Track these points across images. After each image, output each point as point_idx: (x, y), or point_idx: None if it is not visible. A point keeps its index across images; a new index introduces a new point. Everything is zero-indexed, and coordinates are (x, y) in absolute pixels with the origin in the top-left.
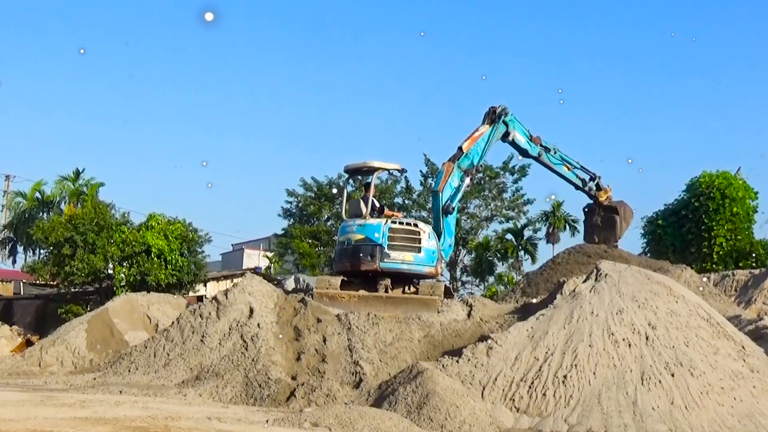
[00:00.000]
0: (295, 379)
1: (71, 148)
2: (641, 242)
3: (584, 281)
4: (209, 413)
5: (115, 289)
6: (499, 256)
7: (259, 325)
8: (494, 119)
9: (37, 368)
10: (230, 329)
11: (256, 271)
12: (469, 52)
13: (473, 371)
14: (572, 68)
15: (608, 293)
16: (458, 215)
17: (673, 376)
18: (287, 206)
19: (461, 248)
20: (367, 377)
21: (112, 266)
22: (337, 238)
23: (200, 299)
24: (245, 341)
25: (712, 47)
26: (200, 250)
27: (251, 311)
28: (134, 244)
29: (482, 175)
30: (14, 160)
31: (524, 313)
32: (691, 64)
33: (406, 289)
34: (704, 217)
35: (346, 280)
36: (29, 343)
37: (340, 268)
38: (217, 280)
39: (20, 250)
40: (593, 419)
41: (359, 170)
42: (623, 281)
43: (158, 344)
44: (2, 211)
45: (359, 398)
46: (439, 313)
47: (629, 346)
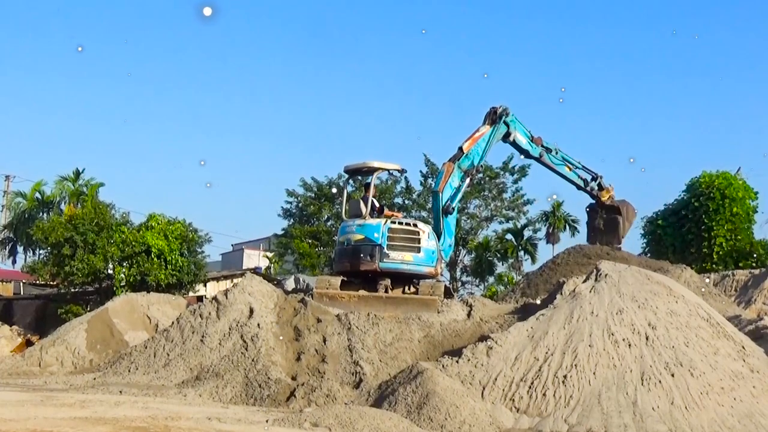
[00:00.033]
0: (295, 379)
1: (71, 148)
2: (641, 242)
3: (584, 281)
4: (209, 413)
5: (115, 289)
6: (499, 256)
7: (259, 325)
8: (495, 120)
9: (37, 368)
10: (230, 329)
11: (256, 271)
12: (469, 51)
13: (473, 371)
14: (572, 68)
15: (608, 293)
16: (458, 215)
17: (673, 376)
18: (287, 206)
19: (461, 248)
20: (367, 377)
21: (112, 266)
22: (336, 238)
23: (200, 299)
24: (245, 341)
25: (712, 47)
26: (200, 250)
27: (251, 311)
28: (134, 244)
29: (482, 175)
30: (14, 160)
31: (524, 313)
32: (691, 64)
33: (406, 289)
34: (704, 217)
35: (346, 280)
36: (29, 343)
37: (339, 268)
38: (217, 280)
39: (20, 250)
40: (593, 419)
41: (359, 170)
42: (623, 281)
43: (158, 344)
44: (2, 211)
45: (359, 398)
46: (439, 313)
47: (629, 346)
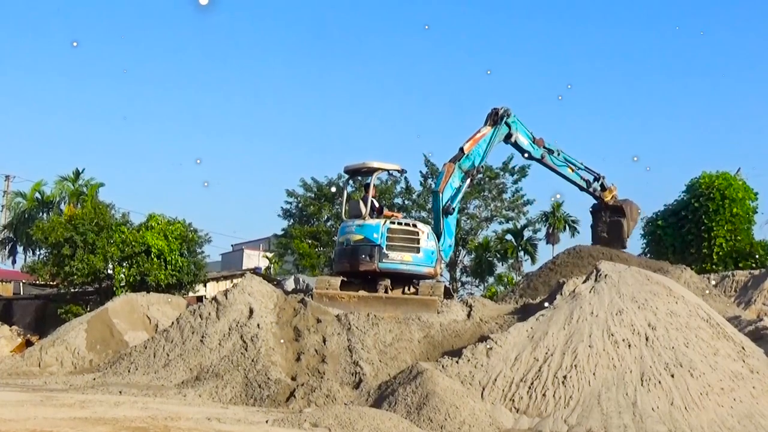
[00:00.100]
0: (294, 379)
1: (71, 148)
2: (641, 243)
3: (584, 282)
4: (209, 414)
5: (114, 289)
6: (498, 256)
7: (258, 325)
8: (497, 121)
9: (36, 368)
10: (230, 330)
11: (255, 271)
12: (469, 51)
13: (473, 372)
14: (573, 68)
15: (608, 294)
16: (458, 216)
17: (672, 376)
18: (287, 207)
19: (461, 249)
20: (366, 378)
21: (111, 266)
22: (336, 238)
23: (200, 299)
24: (245, 342)
25: (712, 47)
26: (200, 250)
27: (251, 312)
28: (134, 244)
29: (482, 175)
30: (14, 160)
31: (524, 313)
32: (691, 63)
33: (405, 289)
34: (704, 217)
35: (345, 280)
36: (29, 343)
37: (339, 268)
38: (216, 280)
39: (20, 250)
40: (593, 420)
41: (359, 171)
42: (623, 282)
43: (158, 345)
44: (2, 211)
45: (359, 399)
46: (438, 313)
47: (629, 346)
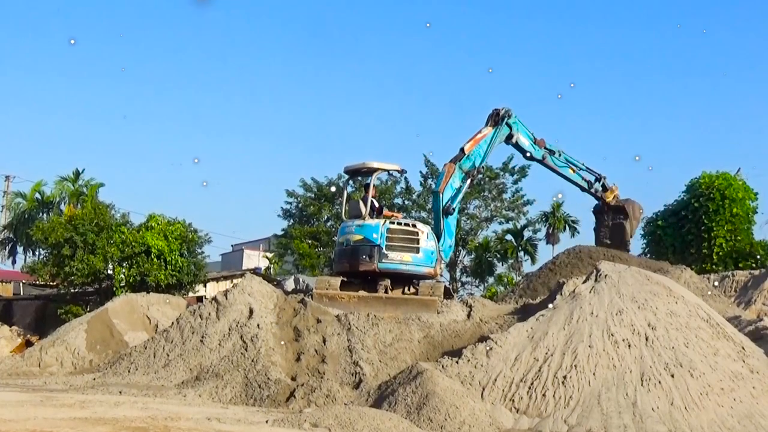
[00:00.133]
0: (294, 379)
1: (71, 148)
2: (641, 243)
3: (584, 282)
4: (209, 414)
5: (114, 289)
6: (498, 256)
7: (258, 325)
8: (498, 121)
9: (36, 369)
10: (230, 330)
11: (255, 271)
12: (469, 51)
13: (473, 372)
14: (573, 68)
15: (608, 294)
16: (458, 216)
17: (672, 376)
18: (287, 207)
19: (461, 249)
20: (366, 378)
21: (111, 267)
22: (336, 238)
23: (200, 300)
24: (245, 342)
25: (712, 47)
26: (200, 250)
27: (251, 312)
28: (134, 244)
29: (482, 175)
30: (14, 160)
31: (524, 313)
32: (691, 63)
33: (405, 289)
34: (704, 217)
35: (345, 280)
36: (29, 343)
37: (339, 268)
38: (216, 280)
39: (20, 250)
40: (593, 420)
41: (359, 171)
42: (623, 282)
43: (158, 345)
44: (2, 211)
45: (359, 399)
46: (438, 313)
47: (629, 346)
